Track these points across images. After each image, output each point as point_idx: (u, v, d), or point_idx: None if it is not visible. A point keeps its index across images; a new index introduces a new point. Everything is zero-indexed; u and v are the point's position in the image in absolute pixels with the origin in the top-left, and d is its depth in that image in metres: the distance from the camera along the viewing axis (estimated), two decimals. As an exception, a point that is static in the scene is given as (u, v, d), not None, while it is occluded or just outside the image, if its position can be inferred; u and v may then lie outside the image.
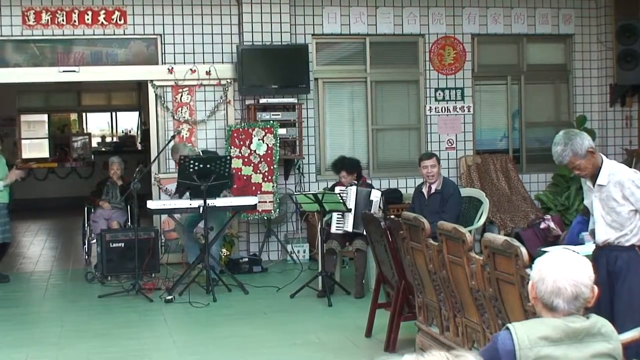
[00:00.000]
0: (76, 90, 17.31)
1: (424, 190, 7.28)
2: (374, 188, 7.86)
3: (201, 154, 8.28)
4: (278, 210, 9.15)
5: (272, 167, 9.03)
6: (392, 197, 9.32)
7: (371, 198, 7.61)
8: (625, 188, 4.26)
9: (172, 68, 9.24)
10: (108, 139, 18.89)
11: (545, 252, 2.89)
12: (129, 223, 8.97)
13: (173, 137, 8.77)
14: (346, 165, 7.98)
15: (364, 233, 7.41)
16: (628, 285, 4.30)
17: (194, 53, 9.35)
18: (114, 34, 9.23)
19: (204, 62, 9.33)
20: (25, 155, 17.62)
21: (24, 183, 9.18)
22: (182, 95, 9.33)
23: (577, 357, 2.53)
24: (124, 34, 9.26)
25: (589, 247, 4.84)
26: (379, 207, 7.57)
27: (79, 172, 15.90)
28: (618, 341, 2.62)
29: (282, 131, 9.12)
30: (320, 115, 9.90)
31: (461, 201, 7.41)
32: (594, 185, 4.40)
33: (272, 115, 9.14)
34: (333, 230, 7.70)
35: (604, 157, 4.38)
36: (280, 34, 9.36)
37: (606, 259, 4.38)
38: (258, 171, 9.04)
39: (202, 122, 9.36)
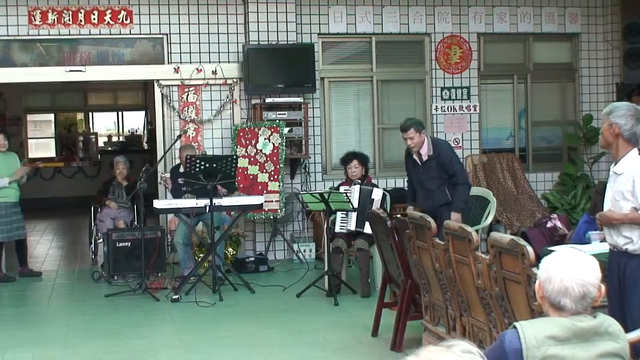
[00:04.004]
0: (82, 89, 17.36)
1: (416, 157, 7.06)
2: (376, 187, 7.86)
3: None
4: (284, 210, 9.16)
5: (278, 167, 9.03)
6: (398, 196, 9.31)
7: (372, 196, 7.61)
8: (636, 183, 4.10)
9: (178, 67, 9.25)
10: (114, 139, 18.94)
11: (552, 251, 2.89)
12: (135, 222, 8.98)
13: (179, 136, 8.78)
14: (358, 155, 8.00)
15: (364, 231, 7.42)
16: (637, 296, 4.13)
17: (200, 52, 9.36)
18: (120, 34, 9.25)
19: (210, 62, 9.34)
20: (32, 154, 17.68)
21: (30, 182, 9.19)
22: (188, 95, 9.34)
23: (584, 357, 2.52)
24: (130, 34, 9.27)
25: (596, 246, 4.82)
26: (383, 207, 7.57)
27: (85, 172, 15.95)
28: (625, 340, 2.61)
29: (287, 130, 9.13)
30: (326, 114, 9.90)
31: (457, 157, 7.30)
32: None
33: (278, 114, 9.15)
34: (337, 229, 7.70)
35: (635, 150, 4.17)
36: (286, 33, 9.36)
37: (617, 264, 4.25)
38: (264, 170, 9.05)
39: (208, 122, 9.36)
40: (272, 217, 9.21)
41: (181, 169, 8.19)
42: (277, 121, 9.06)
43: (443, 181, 6.93)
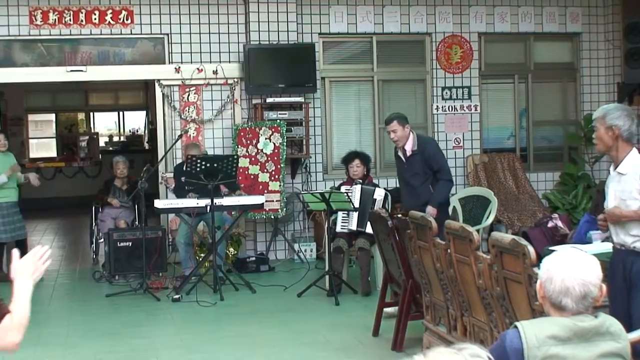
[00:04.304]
0: (83, 89, 17.36)
1: (400, 153, 7.00)
2: (378, 187, 7.86)
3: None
4: (285, 210, 9.16)
5: (279, 166, 9.03)
6: (398, 196, 9.31)
7: (375, 197, 7.61)
8: None
9: (179, 67, 9.25)
10: (115, 139, 18.94)
11: (553, 251, 2.88)
12: (137, 222, 8.99)
13: (180, 136, 8.78)
14: (360, 154, 8.00)
15: (366, 231, 7.41)
16: None
17: (200, 52, 9.36)
18: (121, 34, 9.25)
19: (210, 62, 9.34)
20: (33, 154, 17.71)
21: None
22: (189, 95, 9.34)
23: (585, 357, 2.52)
24: (131, 34, 9.28)
25: (597, 246, 4.82)
26: (384, 207, 7.55)
27: (86, 172, 15.95)
28: (626, 340, 2.61)
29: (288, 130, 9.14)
30: (327, 114, 9.90)
31: (442, 153, 7.17)
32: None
33: (279, 114, 9.15)
34: (338, 229, 7.69)
35: (635, 149, 4.21)
36: (287, 33, 9.36)
37: (622, 263, 4.22)
38: (265, 170, 9.05)
39: (209, 122, 9.37)
40: (273, 217, 9.20)
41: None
42: (278, 121, 9.06)
43: (427, 177, 6.83)
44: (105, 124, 19.72)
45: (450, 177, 6.99)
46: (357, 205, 7.52)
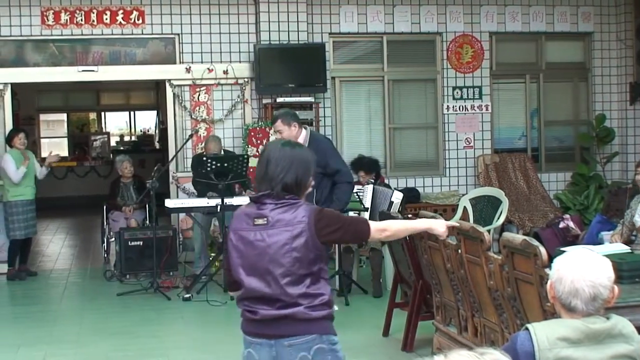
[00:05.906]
0: (95, 89, 17.43)
1: None
2: (393, 190, 7.82)
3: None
4: (295, 209, 9.14)
5: (289, 166, 9.02)
6: (409, 196, 9.30)
7: (392, 199, 7.56)
8: None
9: (190, 67, 9.27)
10: (126, 138, 19.00)
11: (564, 252, 2.87)
12: (147, 222, 9.01)
13: (191, 136, 8.80)
14: (364, 166, 7.99)
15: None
16: None
17: (211, 52, 9.37)
18: (132, 34, 9.28)
19: (221, 62, 9.35)
20: (45, 154, 17.75)
21: (43, 181, 9.24)
22: (199, 95, 9.35)
23: (597, 359, 2.51)
24: (142, 34, 9.30)
25: (609, 247, 4.81)
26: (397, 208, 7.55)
27: (97, 171, 16.01)
28: (639, 342, 2.59)
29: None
30: (337, 114, 9.89)
31: (338, 153, 6.34)
32: None
33: (289, 114, 9.15)
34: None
35: None
36: (297, 32, 9.37)
37: None
38: (275, 170, 9.03)
39: (220, 121, 9.38)
40: (283, 217, 9.19)
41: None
42: (289, 121, 9.05)
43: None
44: (116, 123, 19.79)
45: (350, 179, 6.28)
46: (368, 205, 7.51)
